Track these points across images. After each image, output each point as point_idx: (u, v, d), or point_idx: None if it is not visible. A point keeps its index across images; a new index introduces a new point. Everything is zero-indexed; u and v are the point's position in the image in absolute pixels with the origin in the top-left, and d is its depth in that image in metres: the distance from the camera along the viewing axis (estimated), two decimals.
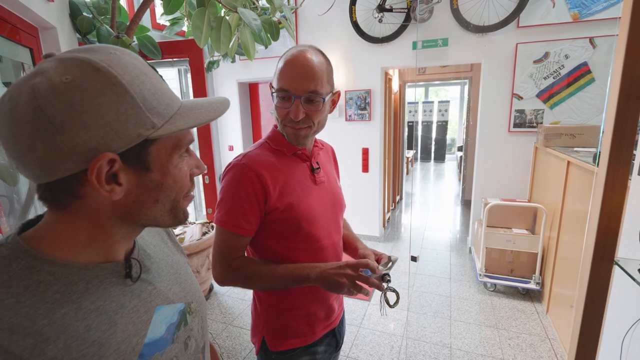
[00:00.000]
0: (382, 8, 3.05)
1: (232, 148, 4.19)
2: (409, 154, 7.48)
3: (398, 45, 3.18)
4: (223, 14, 1.88)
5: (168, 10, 2.03)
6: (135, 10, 1.83)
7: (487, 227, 2.63)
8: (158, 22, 3.14)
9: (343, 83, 3.48)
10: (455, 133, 9.60)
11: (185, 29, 2.82)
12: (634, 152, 0.79)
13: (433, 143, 9.15)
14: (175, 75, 3.20)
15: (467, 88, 5.55)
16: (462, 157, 5.61)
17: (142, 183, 0.40)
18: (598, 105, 2.65)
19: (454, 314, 2.39)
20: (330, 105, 0.86)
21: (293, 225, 0.82)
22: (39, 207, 1.66)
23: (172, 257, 0.55)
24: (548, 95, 2.76)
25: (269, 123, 4.18)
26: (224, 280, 0.81)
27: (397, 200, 5.14)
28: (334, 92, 0.86)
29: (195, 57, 2.55)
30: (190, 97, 3.09)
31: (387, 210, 4.20)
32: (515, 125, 2.91)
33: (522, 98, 2.84)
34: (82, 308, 0.37)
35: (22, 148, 0.34)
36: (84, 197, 0.38)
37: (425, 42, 3.03)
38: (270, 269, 0.80)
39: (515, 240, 2.56)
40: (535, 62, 2.74)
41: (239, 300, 2.63)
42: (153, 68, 0.41)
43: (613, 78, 0.71)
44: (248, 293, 2.73)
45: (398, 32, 3.11)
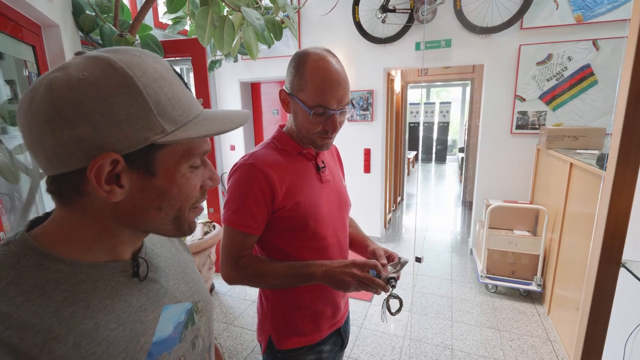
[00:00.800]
0: (385, 8, 3.04)
1: (233, 148, 4.19)
2: (410, 155, 7.48)
3: (401, 46, 3.17)
4: (226, 13, 1.88)
5: (171, 9, 2.03)
6: (138, 9, 1.83)
7: (488, 228, 2.62)
8: (160, 20, 3.14)
9: None
10: (457, 134, 9.60)
11: (188, 28, 2.82)
12: None
13: (434, 144, 9.16)
14: None
15: (469, 89, 5.55)
16: (463, 158, 5.61)
17: (145, 188, 0.39)
18: (601, 108, 2.65)
19: (455, 315, 2.38)
20: None
21: (300, 224, 0.82)
22: (40, 205, 1.66)
23: (178, 255, 0.55)
24: (551, 97, 2.76)
25: (271, 123, 4.18)
26: (232, 279, 0.82)
27: (398, 201, 5.14)
28: None
29: (198, 56, 2.54)
30: None
31: (388, 211, 4.20)
32: (518, 127, 2.91)
33: (524, 100, 2.84)
34: (90, 306, 0.37)
35: (34, 138, 0.34)
36: (88, 194, 0.37)
37: (428, 43, 3.03)
38: (277, 268, 0.80)
39: (517, 242, 2.55)
40: (538, 63, 2.74)
41: (240, 300, 2.63)
42: (179, 75, 0.41)
43: (622, 80, 0.71)
44: (249, 293, 2.73)
45: (401, 32, 3.11)
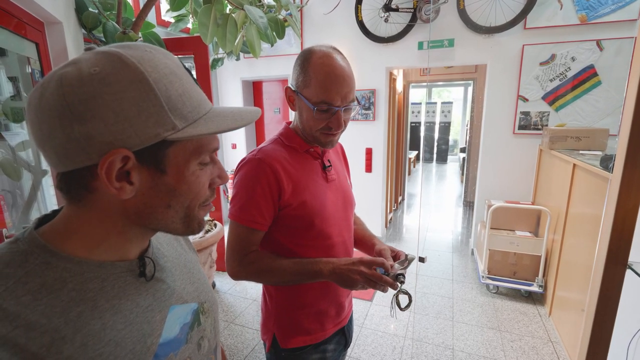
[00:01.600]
0: (388, 8, 3.03)
1: (235, 146, 4.19)
2: (411, 155, 7.47)
3: (403, 46, 3.16)
4: (229, 11, 1.88)
5: (174, 7, 2.02)
6: (141, 7, 1.82)
7: (490, 229, 2.62)
8: (163, 18, 3.14)
9: None
10: (458, 134, 9.59)
11: (190, 26, 2.81)
12: None
13: (435, 144, 9.15)
14: None
15: (470, 89, 5.54)
16: (464, 158, 5.60)
17: (155, 185, 0.38)
18: (604, 109, 2.64)
19: (456, 316, 2.38)
20: None
21: (306, 222, 0.82)
22: (42, 202, 1.66)
23: (184, 255, 0.54)
24: (554, 98, 2.75)
25: (272, 122, 4.17)
26: (237, 275, 0.81)
27: (399, 201, 5.14)
28: None
29: (201, 54, 2.54)
30: None
31: (389, 211, 4.20)
32: (520, 127, 2.90)
33: (527, 100, 2.83)
34: (97, 306, 0.37)
35: (44, 134, 0.34)
36: (96, 191, 0.37)
37: (431, 42, 3.02)
38: (283, 264, 0.79)
39: (519, 243, 2.55)
40: (542, 64, 2.73)
41: (241, 299, 2.63)
42: (188, 71, 0.40)
43: (630, 81, 0.70)
44: (250, 291, 2.73)
45: (404, 32, 3.10)
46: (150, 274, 0.44)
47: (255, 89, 4.17)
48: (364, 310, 2.46)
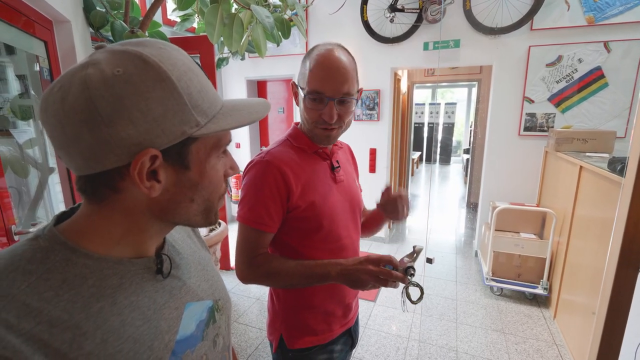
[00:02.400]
0: (393, 8, 3.03)
1: (239, 145, 4.19)
2: (414, 156, 7.45)
3: (409, 46, 3.16)
4: (235, 11, 1.88)
5: (181, 7, 2.03)
6: (148, 6, 1.83)
7: (495, 230, 2.61)
8: (169, 18, 3.14)
9: None
10: (461, 135, 9.56)
11: (196, 26, 2.81)
12: None
13: (439, 145, 9.12)
14: None
15: (475, 90, 5.52)
16: (468, 159, 5.58)
17: (179, 181, 0.39)
18: (611, 111, 2.62)
19: (460, 317, 2.37)
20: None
21: (315, 224, 0.82)
22: (47, 200, 1.66)
23: (198, 253, 0.54)
24: (560, 99, 2.73)
25: (276, 121, 4.18)
26: (246, 278, 0.81)
27: None
28: (359, 89, 0.86)
29: (206, 53, 2.55)
30: None
31: None
32: (526, 129, 2.89)
33: (533, 101, 2.82)
34: (116, 303, 0.37)
35: (68, 138, 0.33)
36: (123, 191, 0.37)
37: (437, 43, 3.01)
38: (292, 267, 0.79)
39: (524, 245, 2.54)
40: (548, 65, 2.71)
41: (245, 298, 2.63)
42: (200, 66, 0.41)
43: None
44: (253, 290, 2.73)
45: (409, 32, 3.09)
46: (167, 271, 0.44)
47: (260, 89, 4.18)
48: (367, 311, 2.46)
